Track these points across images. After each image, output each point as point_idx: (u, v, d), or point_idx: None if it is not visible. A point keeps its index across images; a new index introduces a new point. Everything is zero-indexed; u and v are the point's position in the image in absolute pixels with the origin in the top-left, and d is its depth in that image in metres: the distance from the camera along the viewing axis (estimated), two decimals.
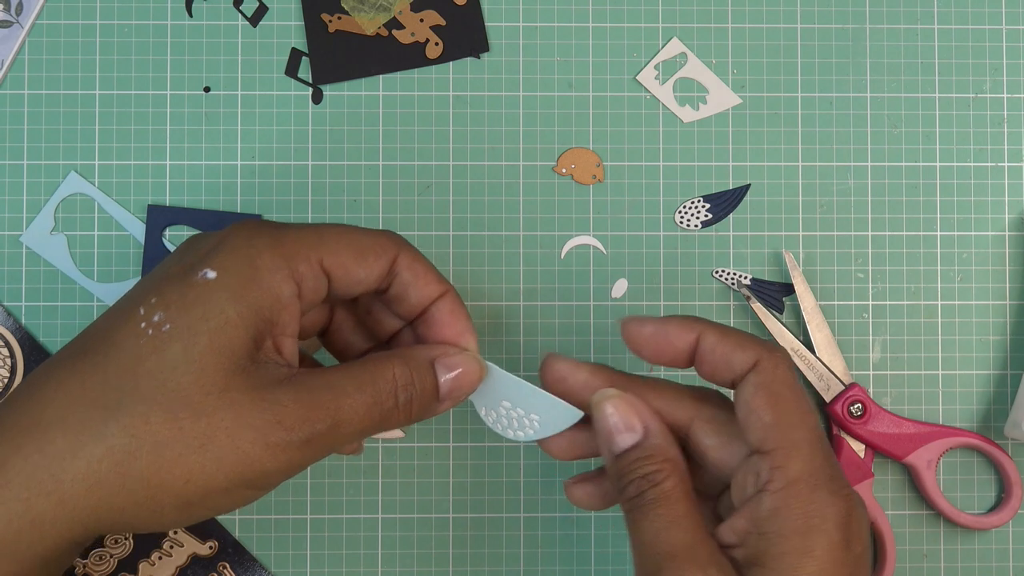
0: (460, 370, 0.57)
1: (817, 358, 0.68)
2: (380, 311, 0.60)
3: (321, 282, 0.55)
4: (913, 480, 0.68)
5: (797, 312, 0.69)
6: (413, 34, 0.69)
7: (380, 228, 0.64)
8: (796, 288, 0.68)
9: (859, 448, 0.68)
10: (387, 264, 0.56)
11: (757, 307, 0.67)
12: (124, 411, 0.51)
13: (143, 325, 0.52)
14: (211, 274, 0.53)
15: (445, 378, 0.56)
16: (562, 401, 0.58)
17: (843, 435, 0.68)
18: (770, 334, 0.67)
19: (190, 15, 0.69)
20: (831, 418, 0.68)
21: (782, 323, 0.68)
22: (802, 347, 0.67)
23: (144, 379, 0.51)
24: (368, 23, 0.69)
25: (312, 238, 0.55)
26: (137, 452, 0.51)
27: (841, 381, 0.68)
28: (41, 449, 0.51)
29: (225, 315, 0.52)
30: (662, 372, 0.69)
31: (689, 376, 0.65)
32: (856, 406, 0.67)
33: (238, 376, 0.52)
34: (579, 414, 0.58)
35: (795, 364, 0.67)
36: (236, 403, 0.51)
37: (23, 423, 0.52)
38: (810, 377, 0.68)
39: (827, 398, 0.68)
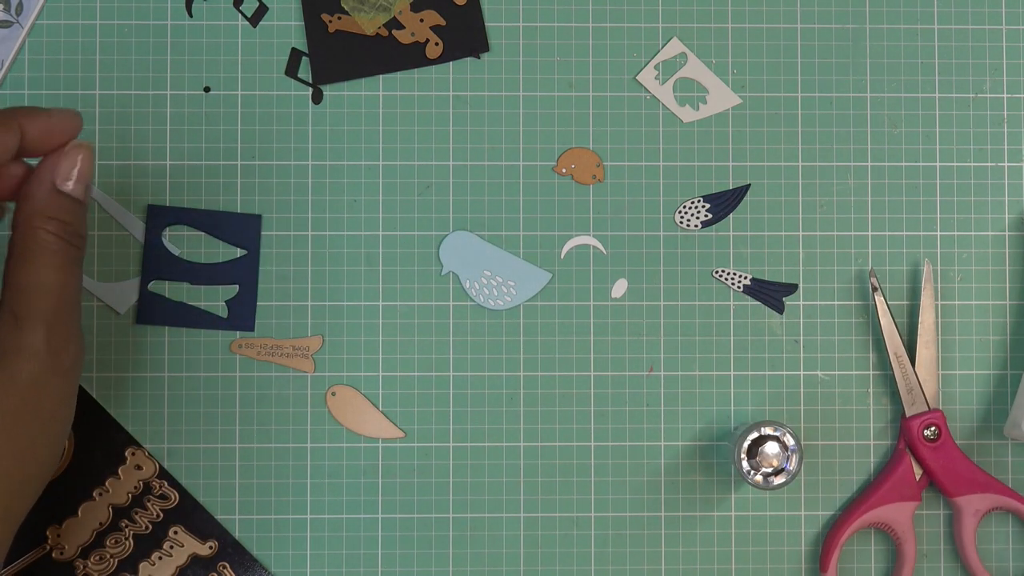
0: (75, 169, 0.56)
1: (915, 372, 0.67)
2: None
3: None
4: (953, 522, 0.68)
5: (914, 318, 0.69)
6: (413, 34, 0.69)
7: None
8: (922, 300, 0.68)
9: (918, 471, 0.68)
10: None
11: (880, 301, 0.67)
12: None
13: None
14: None
15: (70, 186, 0.55)
16: (533, 265, 0.65)
17: (908, 452, 0.68)
18: (881, 332, 0.67)
19: (190, 15, 0.69)
20: (904, 431, 0.68)
21: (896, 326, 0.67)
22: (904, 356, 0.67)
23: None
24: (368, 23, 0.69)
25: None
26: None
27: (928, 402, 0.67)
28: None
29: None
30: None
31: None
32: (932, 429, 0.67)
33: None
34: (548, 276, 0.67)
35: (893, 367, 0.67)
36: (18, 403, 0.52)
37: None
38: (900, 386, 0.67)
39: (908, 412, 0.67)
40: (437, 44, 0.69)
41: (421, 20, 0.69)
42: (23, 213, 0.54)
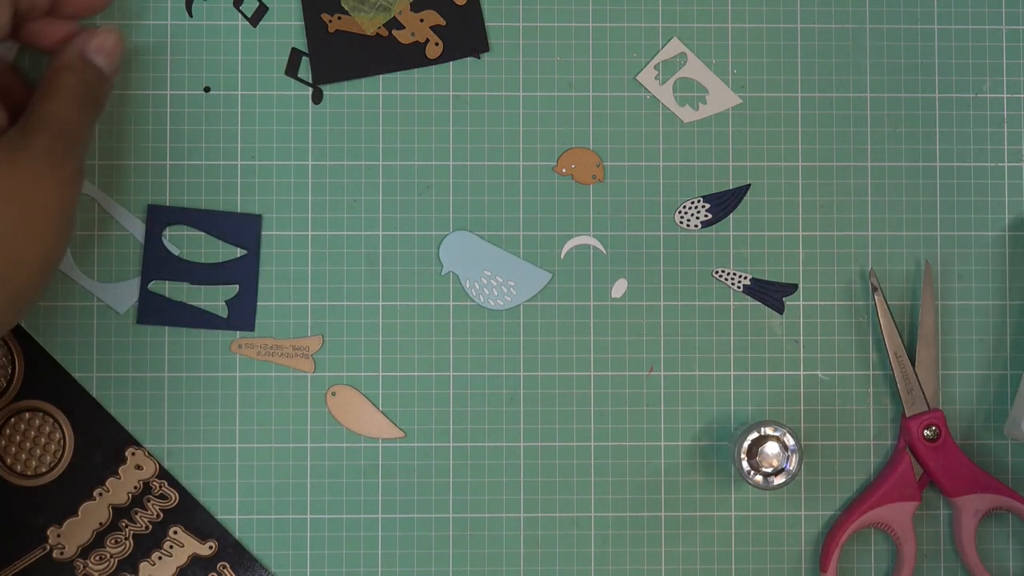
0: (108, 44, 0.62)
1: (915, 372, 0.67)
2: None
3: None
4: (953, 522, 0.68)
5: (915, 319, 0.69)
6: (413, 34, 0.69)
7: None
8: (922, 300, 0.68)
9: (918, 471, 0.68)
10: None
11: (880, 301, 0.67)
12: None
13: None
14: None
15: (98, 58, 0.62)
16: (533, 265, 0.64)
17: (908, 452, 0.68)
18: (881, 332, 0.67)
19: (190, 15, 0.69)
20: (904, 431, 0.68)
21: (896, 326, 0.67)
22: (904, 356, 0.67)
23: None
24: (368, 23, 0.69)
25: None
26: None
27: (928, 402, 0.67)
28: None
29: None
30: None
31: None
32: (932, 429, 0.67)
33: None
34: (548, 276, 0.67)
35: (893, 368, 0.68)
36: (13, 186, 0.56)
37: None
38: (900, 386, 0.67)
39: (908, 412, 0.67)
40: (437, 44, 0.69)
41: (421, 20, 0.69)
42: (52, 66, 0.61)
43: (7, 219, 0.56)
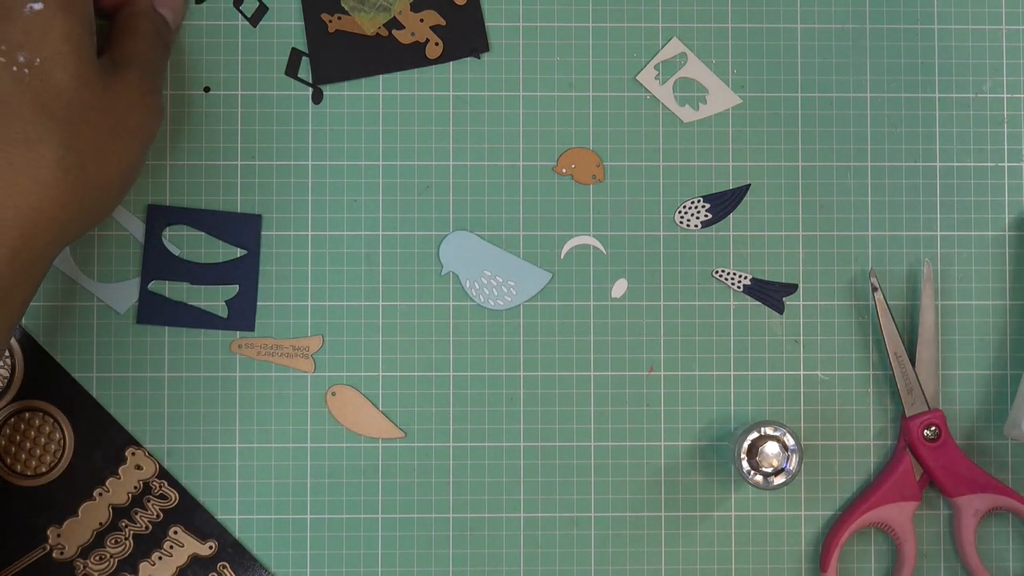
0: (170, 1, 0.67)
1: (915, 372, 0.67)
2: None
3: None
4: (953, 522, 0.68)
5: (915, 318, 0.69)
6: (413, 34, 0.69)
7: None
8: (923, 300, 0.68)
9: (918, 471, 0.68)
10: None
11: (880, 301, 0.67)
12: (56, 136, 0.58)
13: (14, 69, 0.58)
14: (37, 6, 0.59)
15: (165, 11, 0.66)
16: (533, 265, 0.65)
17: (908, 452, 0.68)
18: (881, 332, 0.67)
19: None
20: (904, 431, 0.68)
21: (896, 326, 0.67)
22: (904, 356, 0.67)
23: (54, 106, 0.59)
24: (368, 23, 0.69)
25: None
26: (84, 163, 0.59)
27: (928, 402, 0.67)
28: (10, 186, 0.57)
29: (72, 32, 0.59)
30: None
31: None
32: (932, 429, 0.67)
33: (97, 75, 0.61)
34: (548, 276, 0.67)
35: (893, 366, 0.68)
36: (111, 104, 0.61)
37: None
38: (900, 386, 0.67)
39: (908, 412, 0.67)
40: (437, 44, 0.69)
41: (421, 20, 0.69)
42: (127, 11, 0.65)
43: (104, 129, 0.60)
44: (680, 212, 0.69)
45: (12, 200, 0.57)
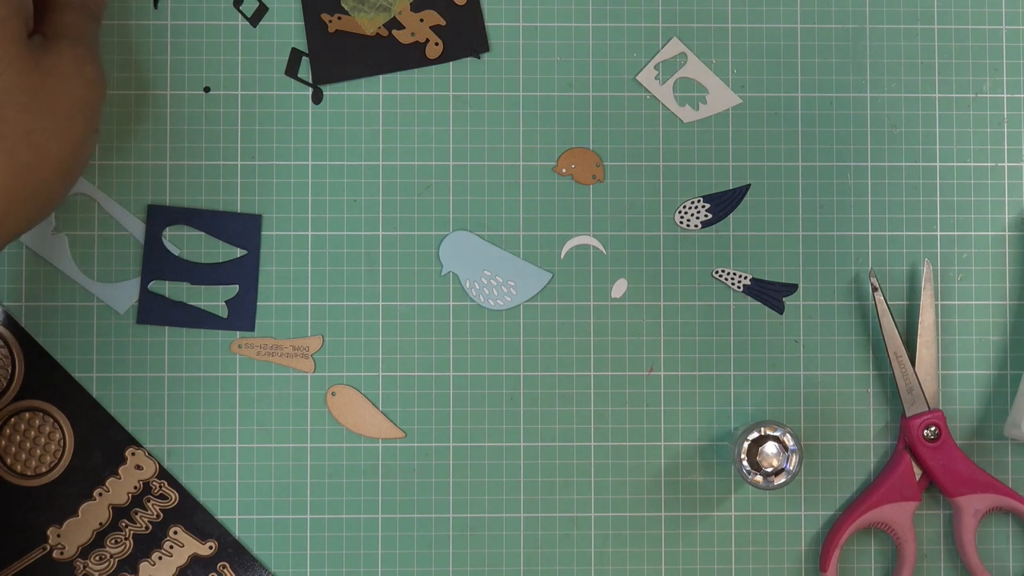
0: None
1: (915, 372, 0.67)
2: None
3: None
4: (953, 522, 0.68)
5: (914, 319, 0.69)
6: (413, 34, 0.69)
7: None
8: (922, 300, 0.68)
9: (917, 471, 0.68)
10: None
11: (880, 301, 0.67)
12: None
13: None
14: None
15: None
16: (533, 265, 0.65)
17: (908, 452, 0.68)
18: (881, 333, 0.67)
19: (156, 7, 0.69)
20: (904, 431, 0.68)
21: (896, 326, 0.67)
22: (904, 356, 0.67)
23: None
24: (368, 23, 0.69)
25: None
26: (17, 151, 0.56)
27: (928, 402, 0.67)
28: None
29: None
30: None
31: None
32: (932, 429, 0.67)
33: (24, 55, 0.58)
34: (548, 276, 0.67)
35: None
36: (42, 83, 0.58)
37: None
38: (900, 386, 0.67)
39: (908, 412, 0.67)
40: (437, 44, 0.69)
41: (421, 20, 0.69)
42: None
43: (35, 115, 0.58)
44: (680, 212, 0.69)
45: None
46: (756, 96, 0.70)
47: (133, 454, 0.68)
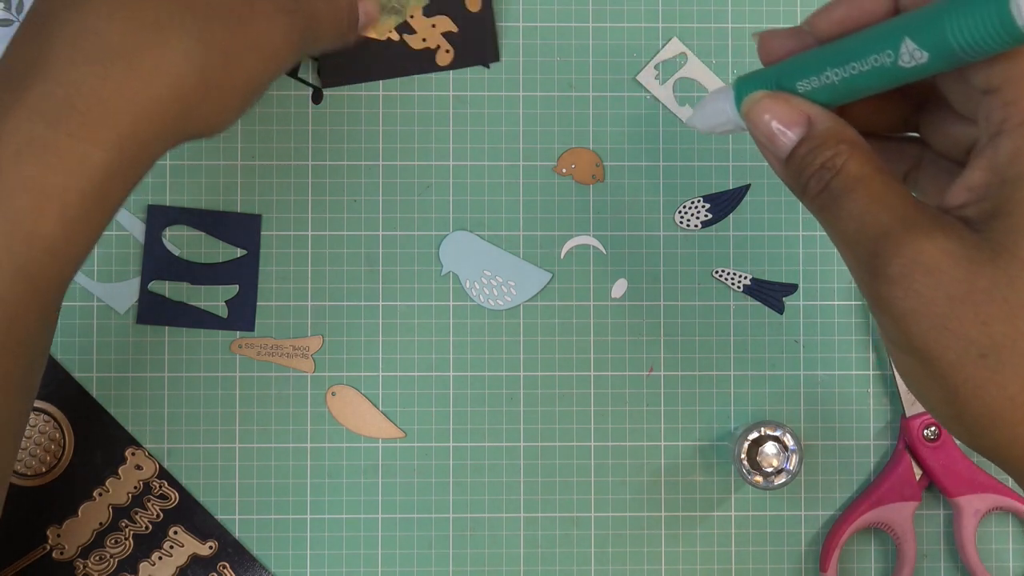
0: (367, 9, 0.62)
1: None
2: None
3: None
4: (953, 522, 0.68)
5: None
6: (424, 40, 0.69)
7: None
8: None
9: (917, 471, 0.68)
10: None
11: None
12: (189, 28, 0.55)
13: None
14: None
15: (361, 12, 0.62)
16: (533, 265, 0.66)
17: (908, 452, 0.68)
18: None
19: None
20: (904, 431, 0.68)
21: None
22: None
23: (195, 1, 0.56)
24: (379, 27, 0.69)
25: None
26: (211, 62, 0.55)
27: None
28: (132, 67, 0.53)
29: None
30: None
31: None
32: (932, 429, 0.67)
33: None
34: (548, 276, 0.67)
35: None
36: (263, 11, 0.57)
37: (98, 48, 0.54)
38: (900, 386, 0.67)
39: (908, 412, 0.67)
40: (448, 51, 0.69)
41: (433, 25, 0.69)
42: None
43: (236, 38, 0.57)
44: (680, 212, 0.69)
45: (131, 83, 0.53)
46: None
47: (133, 454, 0.68)
